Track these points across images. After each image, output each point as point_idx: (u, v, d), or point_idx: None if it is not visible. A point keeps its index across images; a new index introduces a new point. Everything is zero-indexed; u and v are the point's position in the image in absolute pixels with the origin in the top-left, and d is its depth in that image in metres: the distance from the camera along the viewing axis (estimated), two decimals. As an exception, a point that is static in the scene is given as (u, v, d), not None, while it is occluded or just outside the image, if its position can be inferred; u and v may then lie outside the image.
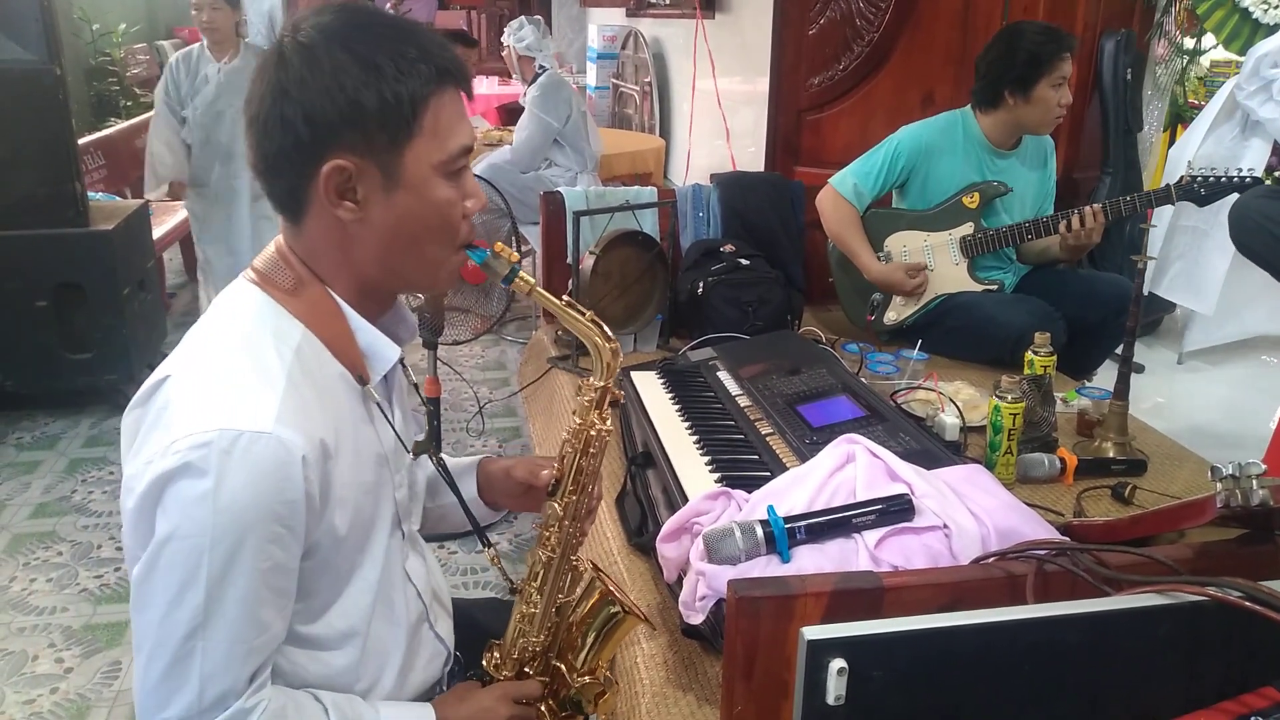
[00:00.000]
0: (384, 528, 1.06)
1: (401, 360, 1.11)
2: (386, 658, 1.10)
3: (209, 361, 0.95)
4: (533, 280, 1.06)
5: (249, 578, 0.89)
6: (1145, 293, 3.68)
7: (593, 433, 1.12)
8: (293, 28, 0.96)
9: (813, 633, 0.71)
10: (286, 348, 0.96)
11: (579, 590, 1.19)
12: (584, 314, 1.09)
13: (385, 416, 1.06)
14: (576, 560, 1.17)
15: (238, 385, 0.92)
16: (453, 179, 1.00)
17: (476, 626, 1.26)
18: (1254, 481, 0.86)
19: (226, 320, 1.00)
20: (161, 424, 0.91)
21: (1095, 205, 2.39)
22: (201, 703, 0.90)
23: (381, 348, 1.04)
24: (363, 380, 1.02)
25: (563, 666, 1.19)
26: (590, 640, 1.18)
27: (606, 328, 1.11)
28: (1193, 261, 3.58)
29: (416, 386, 1.23)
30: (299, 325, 0.99)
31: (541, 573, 1.15)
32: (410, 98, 0.94)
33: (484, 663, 1.19)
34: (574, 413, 1.13)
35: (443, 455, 1.22)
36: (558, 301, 1.08)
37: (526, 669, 1.18)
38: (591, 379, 1.12)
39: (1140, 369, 3.54)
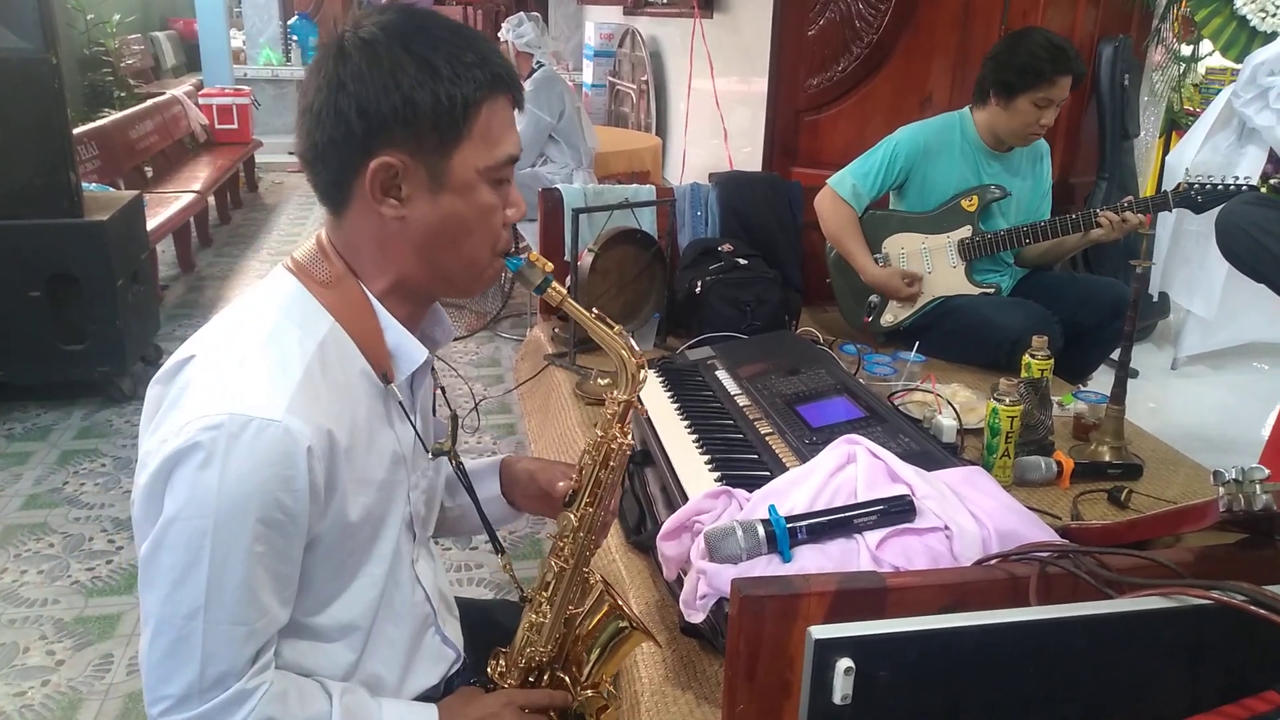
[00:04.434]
0: (394, 526, 1.06)
1: (430, 363, 1.10)
2: (388, 656, 1.10)
3: (232, 346, 0.96)
4: (564, 291, 1.07)
5: (250, 561, 0.90)
6: (1156, 293, 3.72)
7: (613, 446, 1.11)
8: (354, 24, 0.97)
9: (820, 632, 0.71)
10: (310, 339, 0.97)
11: (588, 603, 1.18)
12: (613, 328, 1.09)
13: (407, 416, 1.06)
14: (588, 572, 1.17)
15: (255, 372, 0.93)
16: (496, 186, 1.01)
17: (496, 627, 1.26)
18: (1257, 486, 0.86)
19: (257, 306, 1.01)
20: (179, 404, 0.92)
21: (1124, 204, 2.38)
22: (203, 681, 0.92)
23: (409, 348, 1.04)
24: (386, 379, 1.02)
25: (567, 679, 1.18)
26: (596, 654, 1.17)
27: (633, 341, 1.10)
28: (1197, 266, 3.60)
29: (444, 390, 1.23)
30: (329, 318, 1.00)
31: (553, 583, 1.14)
32: (464, 101, 0.95)
33: (489, 670, 1.19)
34: (595, 425, 1.13)
35: (462, 459, 1.22)
36: (588, 314, 1.08)
37: (530, 678, 1.18)
38: (615, 393, 1.11)
39: (1135, 374, 3.55)
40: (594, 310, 1.10)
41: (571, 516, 1.13)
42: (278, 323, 0.97)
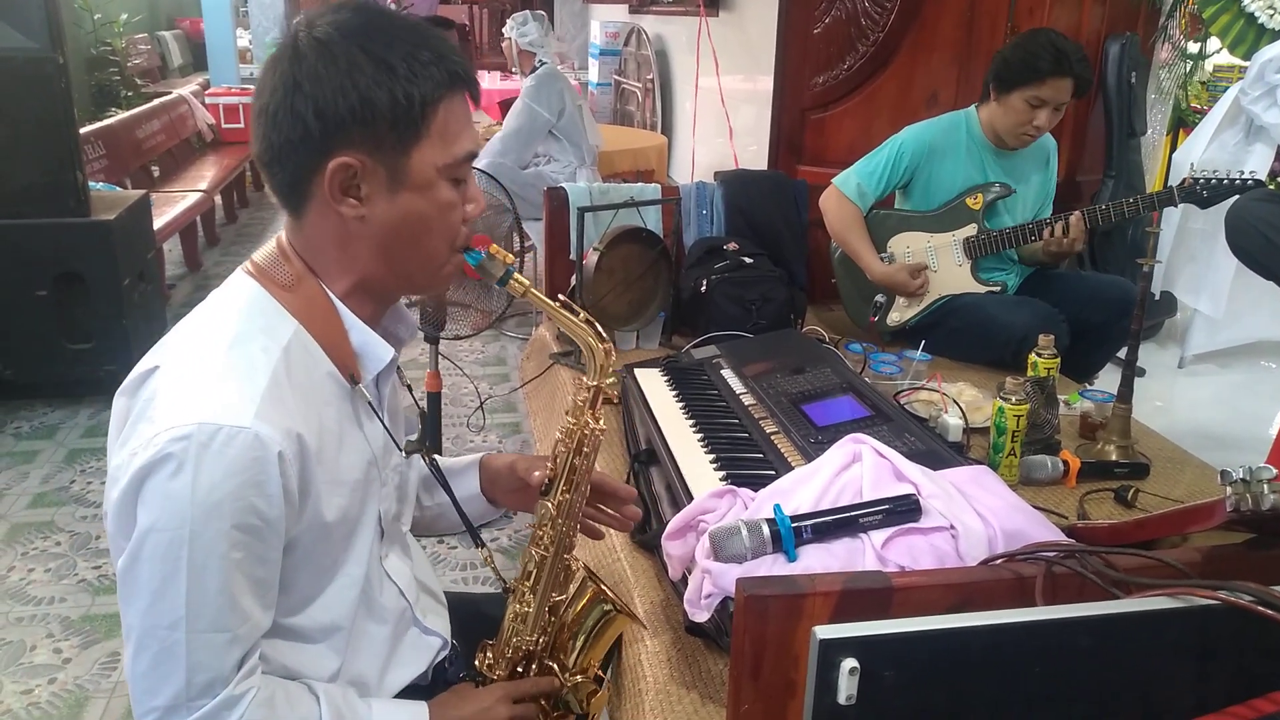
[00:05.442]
0: (369, 526, 1.07)
1: (396, 361, 1.11)
2: (368, 653, 1.10)
3: (196, 355, 0.96)
4: (527, 282, 1.08)
5: (228, 568, 0.90)
6: (1158, 292, 3.71)
7: (586, 432, 1.13)
8: (308, 23, 0.96)
9: (825, 632, 0.71)
10: (275, 344, 0.97)
11: (571, 589, 1.19)
12: (577, 314, 1.11)
13: (377, 415, 1.06)
14: (569, 559, 1.17)
15: (221, 380, 0.92)
16: (455, 183, 1.01)
17: (486, 619, 1.26)
18: (1265, 486, 0.85)
19: (220, 313, 1.00)
20: (146, 416, 0.92)
21: (1076, 213, 2.38)
22: (190, 691, 0.92)
23: (375, 348, 1.04)
24: (354, 380, 1.02)
25: (555, 666, 1.19)
26: (582, 640, 1.18)
27: (600, 328, 1.12)
28: (1204, 264, 3.59)
29: (410, 388, 1.24)
30: (293, 322, 0.99)
31: (535, 571, 1.15)
32: (421, 100, 0.95)
33: (476, 663, 1.19)
34: (567, 412, 1.14)
35: (435, 455, 1.23)
36: (552, 303, 1.10)
37: (519, 669, 1.18)
38: (585, 379, 1.13)
39: (1141, 372, 3.54)
40: (560, 298, 1.11)
41: (549, 505, 1.14)
42: (241, 328, 0.97)
